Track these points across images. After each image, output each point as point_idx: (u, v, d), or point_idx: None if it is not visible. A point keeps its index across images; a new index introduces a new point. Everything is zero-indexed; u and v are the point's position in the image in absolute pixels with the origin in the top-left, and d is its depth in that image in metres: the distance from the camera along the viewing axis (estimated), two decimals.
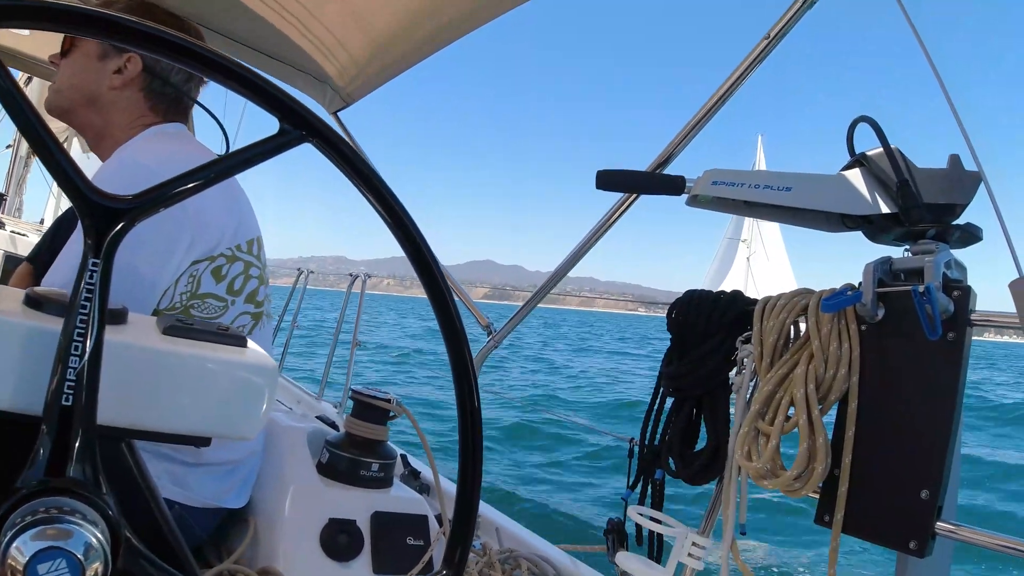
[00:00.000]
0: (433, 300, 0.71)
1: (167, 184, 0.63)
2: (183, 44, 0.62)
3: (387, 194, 0.69)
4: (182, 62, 0.63)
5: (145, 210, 0.62)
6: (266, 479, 1.57)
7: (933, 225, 1.21)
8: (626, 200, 1.74)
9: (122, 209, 0.60)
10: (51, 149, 0.58)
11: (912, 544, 1.10)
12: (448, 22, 2.26)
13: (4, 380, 0.64)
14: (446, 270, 0.68)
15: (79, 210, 0.59)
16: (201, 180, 0.64)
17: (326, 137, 0.67)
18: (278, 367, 0.79)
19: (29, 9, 0.57)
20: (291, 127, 0.66)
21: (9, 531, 0.54)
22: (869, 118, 1.29)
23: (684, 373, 1.45)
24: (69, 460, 0.59)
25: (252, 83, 0.64)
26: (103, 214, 0.60)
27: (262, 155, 0.66)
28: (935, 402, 1.12)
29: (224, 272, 1.49)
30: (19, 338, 0.65)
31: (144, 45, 0.61)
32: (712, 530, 1.41)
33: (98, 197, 0.60)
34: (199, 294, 1.45)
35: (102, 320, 0.60)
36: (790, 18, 1.46)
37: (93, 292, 0.59)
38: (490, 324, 2.11)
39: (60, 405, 0.58)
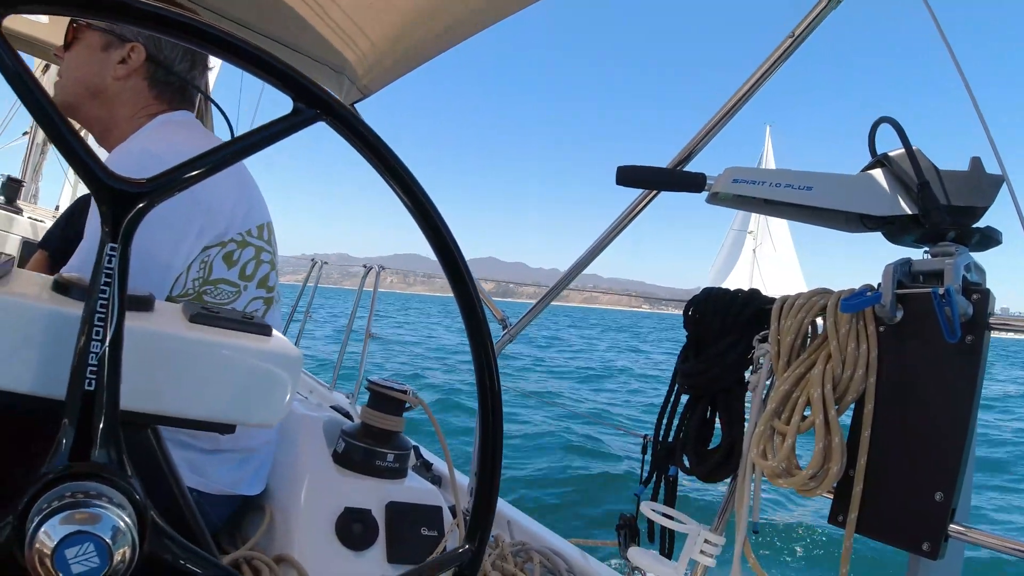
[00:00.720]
0: (457, 292, 0.71)
1: (183, 166, 0.62)
2: (196, 25, 0.61)
3: (407, 176, 0.69)
4: (195, 43, 0.62)
5: (161, 193, 0.61)
6: (282, 467, 1.58)
7: (953, 227, 1.21)
8: (646, 196, 1.74)
9: (138, 193, 0.60)
10: (65, 135, 0.58)
11: (925, 546, 1.10)
12: (466, 14, 2.26)
13: (27, 363, 0.65)
14: None
15: (95, 195, 0.59)
16: (216, 161, 0.64)
17: (341, 116, 0.66)
18: (301, 355, 0.79)
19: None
20: (305, 106, 0.65)
21: (36, 516, 0.55)
22: (891, 119, 1.28)
23: (700, 371, 1.45)
24: (93, 444, 0.59)
25: (264, 62, 0.64)
26: (119, 198, 0.60)
27: (276, 135, 0.65)
28: (951, 404, 1.11)
29: (236, 257, 1.50)
30: (40, 322, 0.66)
31: (154, 26, 0.61)
32: (725, 527, 1.42)
33: (114, 181, 0.59)
34: (211, 280, 1.46)
35: (122, 304, 0.60)
36: (815, 16, 1.45)
37: (112, 277, 0.59)
38: (505, 318, 2.12)
39: (83, 390, 0.59)
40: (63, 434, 0.59)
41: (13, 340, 0.65)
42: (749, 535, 1.31)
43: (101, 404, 0.59)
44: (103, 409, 0.60)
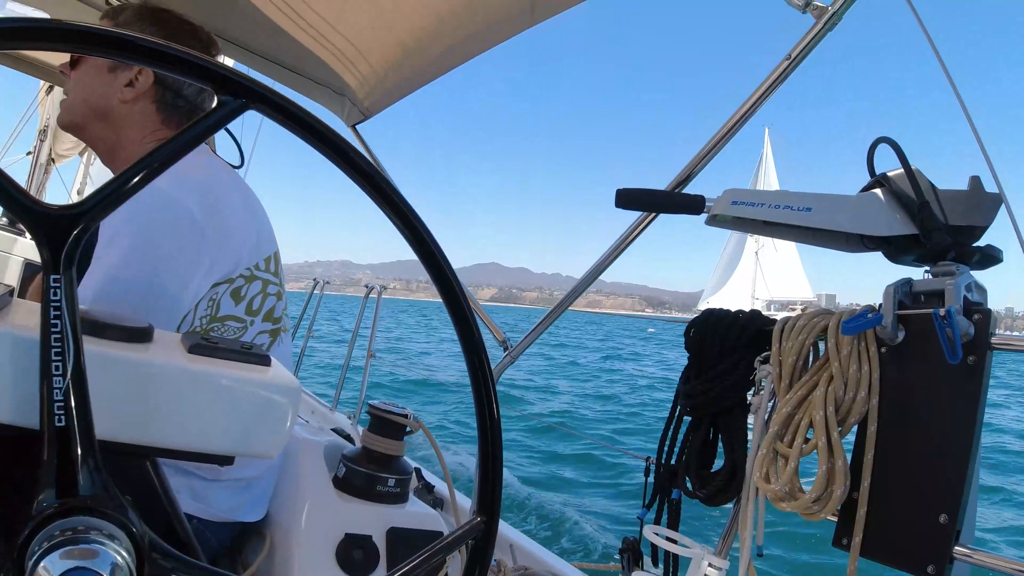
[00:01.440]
0: (453, 316, 0.71)
1: (117, 181, 0.59)
2: (107, 35, 0.58)
3: (401, 203, 0.67)
4: (108, 55, 0.59)
5: (97, 214, 0.58)
6: (283, 493, 1.58)
7: (953, 247, 1.20)
8: (645, 219, 1.75)
9: (74, 215, 0.57)
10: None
11: (930, 569, 1.09)
12: (464, 40, 2.27)
13: (26, 395, 0.64)
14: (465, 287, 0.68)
15: (28, 227, 0.57)
16: (147, 170, 0.60)
17: (270, 101, 0.63)
18: (300, 386, 0.79)
19: None
20: (230, 96, 0.62)
21: (35, 552, 0.55)
22: (890, 139, 1.29)
23: (701, 392, 1.45)
24: (77, 479, 0.58)
25: (179, 59, 0.60)
26: (55, 226, 0.57)
27: (205, 131, 0.62)
28: (954, 426, 1.11)
29: (243, 293, 1.48)
30: (16, 350, 0.65)
31: (55, 44, 0.57)
32: (729, 551, 1.41)
33: (43, 208, 0.57)
34: (219, 317, 1.45)
35: (76, 335, 0.58)
36: (812, 39, 1.46)
37: (60, 308, 0.57)
38: (506, 340, 2.11)
39: (55, 426, 0.57)
40: (45, 470, 0.58)
41: (14, 372, 0.64)
42: (753, 559, 1.30)
43: (75, 438, 0.58)
44: (78, 443, 0.58)
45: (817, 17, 1.45)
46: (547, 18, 2.04)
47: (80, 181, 7.07)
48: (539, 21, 2.07)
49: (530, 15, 2.05)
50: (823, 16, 1.44)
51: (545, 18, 2.05)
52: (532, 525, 7.19)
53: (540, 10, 2.02)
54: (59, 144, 6.63)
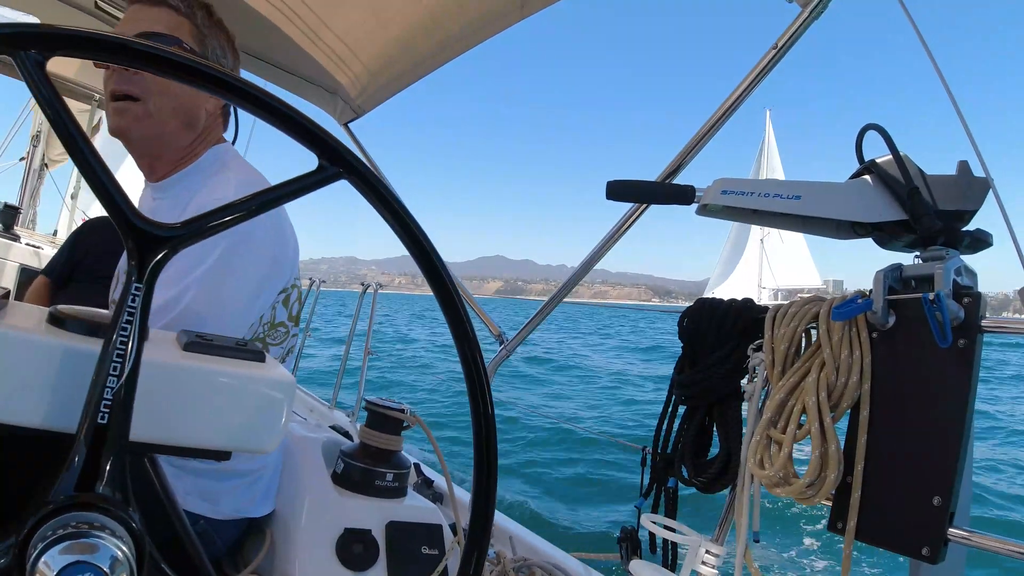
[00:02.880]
0: (445, 309, 0.72)
1: (211, 215, 0.65)
2: (231, 81, 0.64)
3: (412, 225, 0.71)
4: (229, 98, 0.65)
5: (187, 239, 0.64)
6: (282, 489, 1.58)
7: (943, 232, 1.21)
8: (636, 210, 1.76)
9: (166, 237, 0.62)
10: (100, 177, 0.60)
11: (925, 551, 1.10)
12: (455, 35, 2.28)
13: (39, 399, 0.66)
14: (461, 287, 0.69)
15: (125, 236, 0.61)
16: (243, 212, 0.66)
17: (362, 175, 0.69)
18: (295, 381, 0.80)
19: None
20: (328, 164, 0.68)
21: (38, 545, 0.56)
22: (878, 126, 1.29)
23: (696, 381, 1.46)
24: (99, 476, 0.61)
25: (295, 121, 0.66)
26: (148, 241, 0.62)
27: (301, 190, 0.68)
28: (946, 409, 1.12)
29: (290, 301, 1.56)
30: (35, 355, 0.67)
31: (191, 79, 0.63)
32: (726, 538, 1.42)
33: (144, 224, 0.62)
34: (275, 324, 1.52)
35: (140, 342, 0.62)
36: (797, 28, 1.47)
37: (134, 315, 0.61)
38: (502, 334, 2.12)
39: (96, 423, 0.60)
40: (70, 464, 0.60)
41: (8, 374, 0.65)
42: (750, 544, 1.31)
43: (112, 438, 0.61)
44: (113, 442, 0.61)
45: (803, 6, 1.46)
46: (536, 11, 2.05)
47: (74, 185, 7.06)
48: (528, 15, 2.08)
49: (519, 10, 2.06)
50: (808, 5, 1.45)
51: (534, 11, 2.06)
52: (530, 515, 7.22)
53: (529, 4, 2.02)
54: (51, 150, 6.61)
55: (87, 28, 0.60)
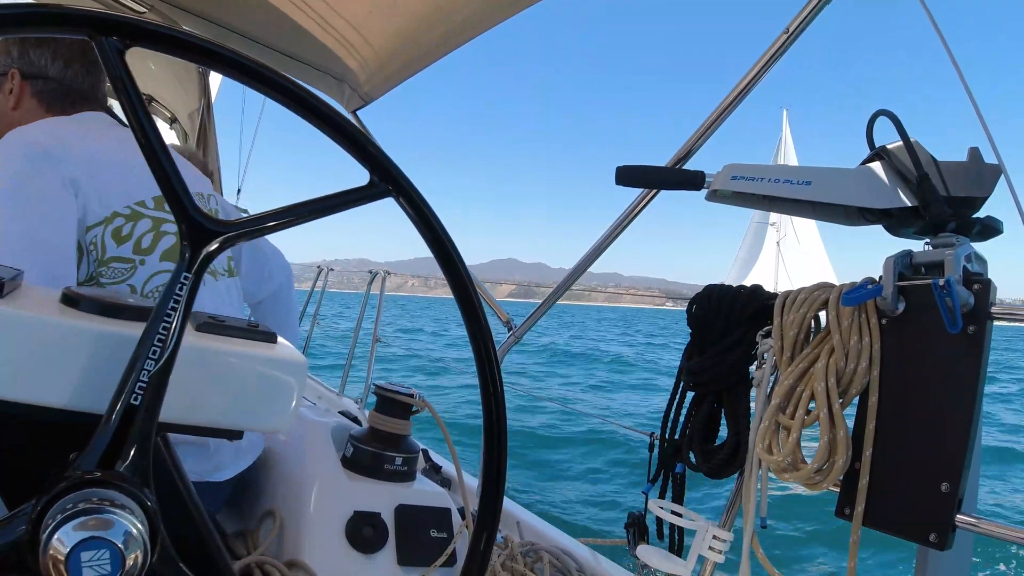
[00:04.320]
0: (458, 296, 0.73)
1: (263, 216, 0.67)
2: (301, 95, 0.67)
3: (450, 247, 0.74)
4: (299, 111, 0.67)
5: (241, 236, 0.66)
6: (292, 473, 1.59)
7: (953, 218, 1.21)
8: (646, 196, 1.75)
9: (219, 231, 0.65)
10: (164, 164, 0.62)
11: (932, 537, 1.10)
12: (464, 20, 2.27)
13: (54, 379, 0.67)
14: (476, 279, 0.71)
15: (181, 226, 0.64)
16: (294, 216, 0.68)
17: (408, 194, 0.71)
18: (306, 362, 0.81)
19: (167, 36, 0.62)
20: (379, 180, 0.70)
21: (52, 520, 0.56)
22: (888, 112, 1.29)
23: (704, 368, 1.46)
24: (122, 455, 0.62)
25: (355, 138, 0.69)
26: (201, 232, 0.64)
27: (349, 202, 0.71)
28: (955, 395, 1.12)
29: (126, 232, 1.44)
30: (50, 335, 0.67)
31: (262, 88, 0.66)
32: (733, 523, 1.42)
33: (198, 215, 0.64)
34: (104, 260, 1.43)
35: (182, 330, 0.64)
36: (809, 12, 1.46)
37: (180, 303, 0.63)
38: (510, 320, 2.13)
39: (128, 403, 0.61)
40: (95, 441, 0.61)
41: (21, 353, 0.66)
42: (757, 530, 1.32)
43: (141, 419, 0.62)
44: (142, 424, 0.62)
45: None
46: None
47: None
48: (536, 0, 2.06)
49: None
50: None
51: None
52: (537, 500, 7.24)
53: None
54: None
55: (171, 25, 0.63)
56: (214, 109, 3.82)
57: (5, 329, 0.66)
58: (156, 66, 3.51)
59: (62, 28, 0.59)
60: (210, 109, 3.63)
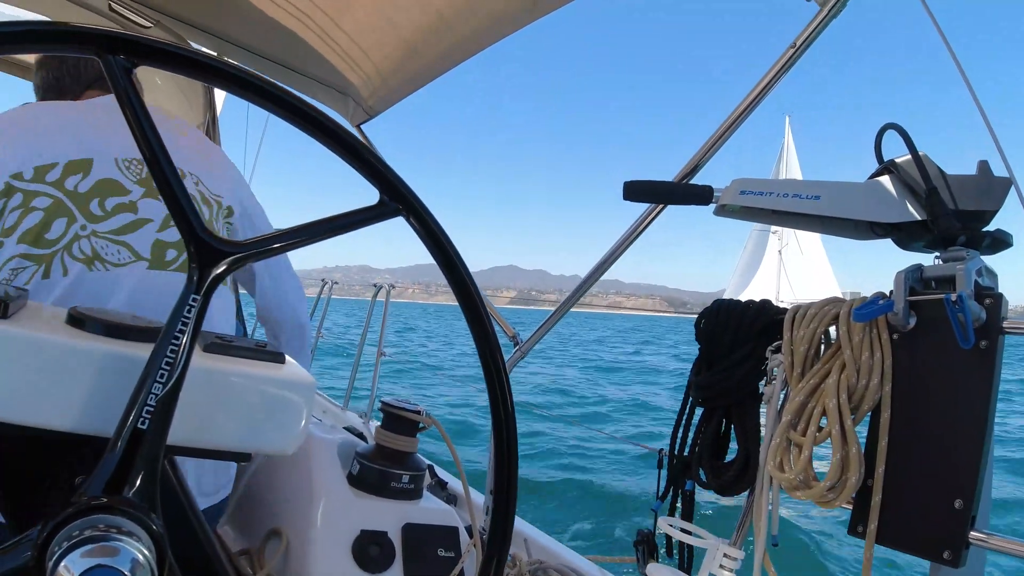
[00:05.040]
0: (467, 311, 0.73)
1: (270, 238, 0.67)
2: (311, 114, 0.67)
3: (460, 265, 0.74)
4: (306, 130, 0.67)
5: (248, 257, 0.65)
6: (297, 491, 1.58)
7: (963, 232, 1.20)
8: (653, 210, 1.75)
9: (228, 252, 0.64)
10: (173, 185, 0.62)
11: (946, 554, 1.09)
12: (466, 36, 2.28)
13: (60, 401, 0.66)
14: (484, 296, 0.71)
15: (189, 248, 0.63)
16: (303, 237, 0.68)
17: (418, 214, 0.71)
18: (315, 383, 0.80)
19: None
20: (389, 199, 0.70)
21: (58, 548, 0.56)
22: (897, 125, 1.28)
23: (713, 383, 1.45)
24: (129, 480, 0.61)
25: (364, 158, 0.69)
26: (210, 254, 0.63)
27: (359, 222, 0.70)
28: (968, 411, 1.11)
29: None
30: (53, 356, 0.67)
31: (274, 108, 0.66)
32: (744, 541, 1.41)
33: (207, 236, 0.63)
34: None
35: (190, 353, 0.63)
36: (816, 27, 1.46)
37: (188, 325, 0.62)
38: (516, 335, 2.12)
39: (135, 427, 0.61)
40: (102, 466, 0.60)
41: (26, 375, 0.65)
42: (768, 548, 1.30)
43: (148, 443, 0.61)
44: (149, 448, 0.61)
45: (821, 4, 1.45)
46: (549, 11, 2.05)
47: None
48: (541, 15, 2.07)
49: (531, 9, 2.05)
50: (827, 3, 1.44)
51: (547, 12, 2.05)
52: (545, 516, 7.21)
53: (542, 4, 2.02)
54: None
55: (177, 43, 0.63)
56: (219, 123, 3.83)
57: (10, 350, 0.65)
58: (162, 80, 3.52)
59: (70, 46, 0.59)
60: (215, 123, 3.63)
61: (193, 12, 2.52)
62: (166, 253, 1.41)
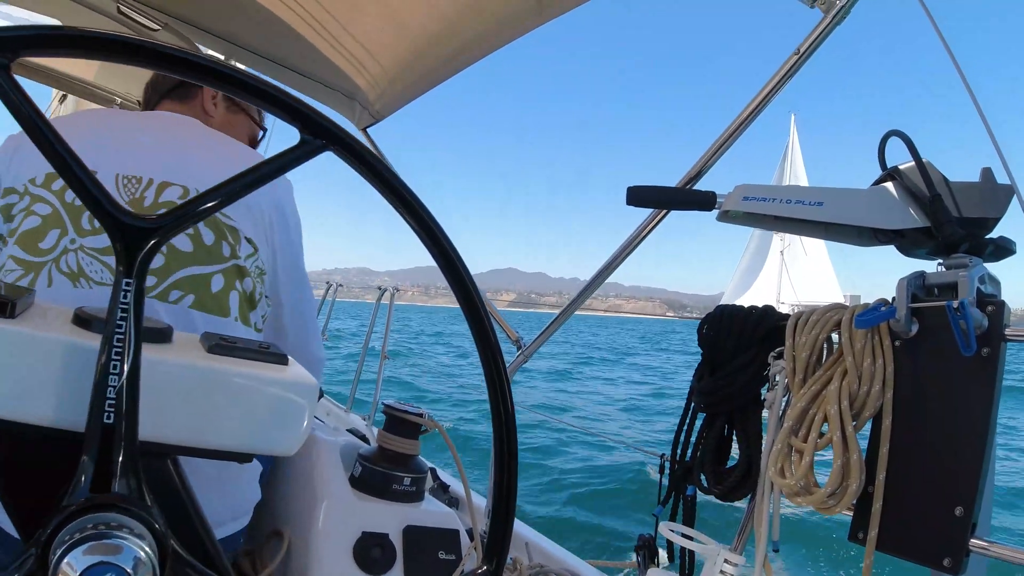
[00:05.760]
0: (469, 315, 0.72)
1: (194, 201, 0.63)
2: (201, 63, 0.63)
3: (416, 204, 0.70)
4: (201, 79, 0.63)
5: (173, 228, 0.62)
6: (299, 492, 1.59)
7: (966, 239, 1.20)
8: (656, 216, 1.75)
9: (152, 228, 0.61)
10: (78, 173, 0.59)
11: (946, 562, 1.09)
12: (472, 40, 2.29)
13: (47, 397, 0.66)
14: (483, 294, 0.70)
15: (109, 232, 0.60)
16: (227, 193, 0.65)
17: (347, 145, 0.67)
18: (317, 384, 0.80)
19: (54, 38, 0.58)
20: (311, 136, 0.66)
21: (59, 548, 0.56)
22: (900, 132, 1.29)
23: (715, 389, 1.45)
24: (113, 476, 0.61)
25: (270, 95, 0.65)
26: (134, 234, 0.61)
27: (285, 165, 0.66)
28: (969, 418, 1.11)
29: (15, 211, 1.33)
30: (61, 355, 0.67)
31: (158, 65, 0.62)
32: (745, 547, 1.41)
33: (128, 218, 0.60)
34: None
35: (138, 338, 0.61)
36: (820, 33, 1.46)
37: (128, 311, 0.61)
38: (519, 339, 2.12)
39: (102, 423, 0.60)
40: (83, 466, 0.60)
41: (34, 374, 0.66)
42: (769, 554, 1.30)
43: (120, 436, 0.61)
44: (122, 441, 0.61)
45: (825, 11, 1.46)
46: (555, 16, 2.05)
47: None
48: (547, 20, 2.08)
49: (538, 14, 2.06)
50: (831, 10, 1.44)
51: (553, 17, 2.06)
52: (546, 521, 7.19)
53: (547, 8, 2.02)
54: None
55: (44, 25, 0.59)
56: None
57: (19, 350, 0.65)
58: None
59: None
60: None
61: (202, 15, 2.54)
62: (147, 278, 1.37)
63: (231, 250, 1.39)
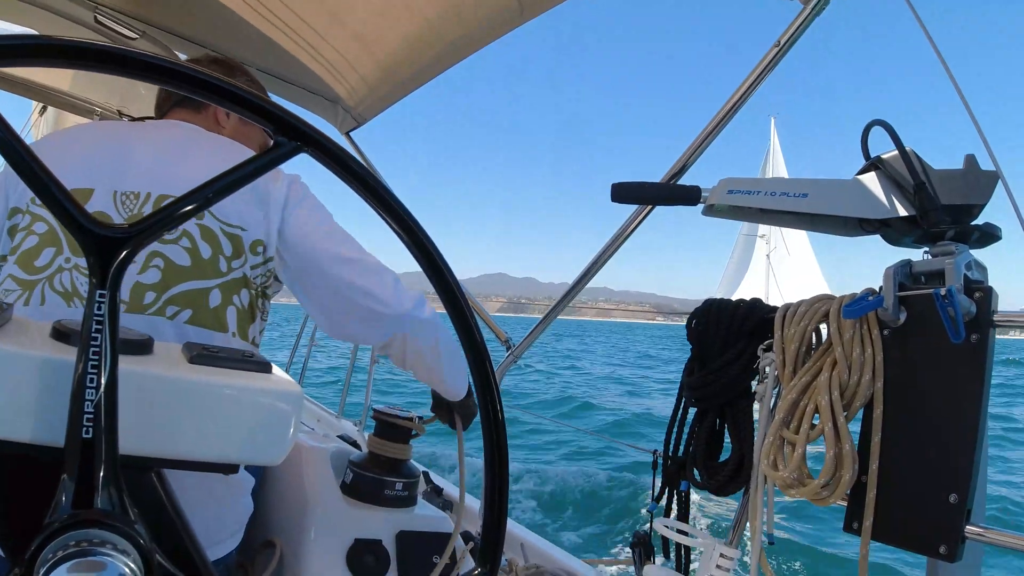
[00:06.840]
0: (454, 317, 0.71)
1: (167, 208, 0.62)
2: (172, 67, 0.61)
3: (395, 204, 0.69)
4: (175, 85, 0.62)
5: (147, 236, 0.61)
6: (291, 500, 1.58)
7: (952, 226, 1.20)
8: (641, 212, 1.75)
9: (124, 238, 0.60)
10: (47, 184, 0.58)
11: (942, 549, 1.09)
12: (453, 42, 2.28)
13: (25, 413, 0.65)
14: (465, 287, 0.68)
15: (80, 243, 0.59)
16: (201, 199, 0.63)
17: (322, 146, 0.66)
18: (302, 392, 0.79)
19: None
20: (285, 139, 0.65)
21: (42, 567, 0.55)
22: (883, 121, 1.29)
23: (706, 383, 1.44)
24: (95, 491, 0.59)
25: (243, 99, 0.64)
26: (106, 245, 0.59)
27: (260, 168, 0.65)
28: (960, 404, 1.11)
29: (19, 229, 1.33)
30: (39, 371, 0.66)
31: (134, 73, 0.60)
32: (739, 540, 1.40)
33: (99, 229, 0.59)
34: None
35: (114, 350, 0.60)
36: (800, 24, 1.46)
37: (103, 323, 0.59)
38: (509, 339, 2.12)
39: (81, 438, 0.58)
40: (64, 483, 0.59)
41: (11, 390, 0.65)
42: (764, 547, 1.30)
43: (100, 451, 0.59)
44: (102, 456, 0.59)
45: (804, 3, 1.46)
46: (535, 16, 2.05)
47: None
48: (528, 19, 2.07)
49: (518, 14, 2.05)
50: (810, 2, 1.44)
51: (533, 16, 2.05)
52: (539, 519, 7.20)
53: (528, 8, 2.02)
54: None
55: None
56: None
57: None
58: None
59: None
60: None
61: (180, 24, 2.52)
62: (144, 296, 1.31)
63: (229, 263, 1.34)
